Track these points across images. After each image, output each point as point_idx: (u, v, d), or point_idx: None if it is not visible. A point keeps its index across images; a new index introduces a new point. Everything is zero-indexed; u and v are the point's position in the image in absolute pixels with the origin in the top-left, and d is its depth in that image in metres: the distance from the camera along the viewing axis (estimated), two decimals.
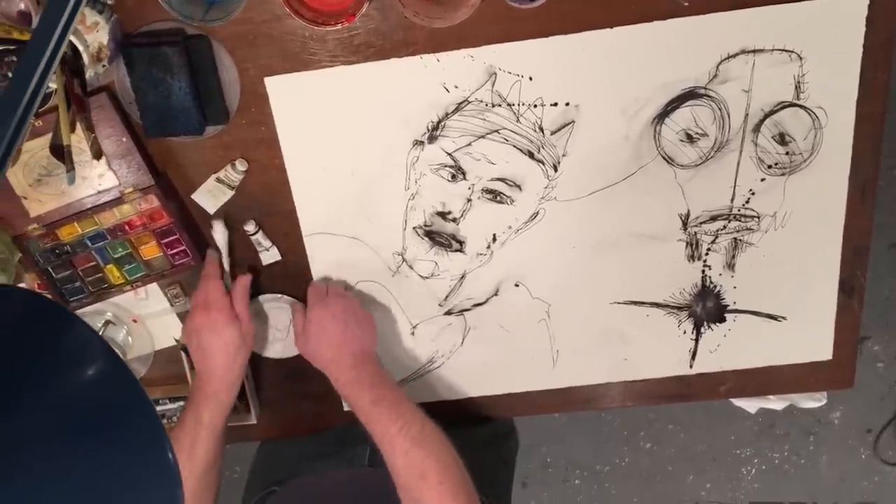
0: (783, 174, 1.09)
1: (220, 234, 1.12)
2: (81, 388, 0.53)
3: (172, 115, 1.02)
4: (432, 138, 1.07)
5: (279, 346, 1.22)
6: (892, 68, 1.04)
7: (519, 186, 1.10)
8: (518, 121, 1.06)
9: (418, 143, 1.07)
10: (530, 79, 1.03)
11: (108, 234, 1.09)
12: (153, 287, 1.17)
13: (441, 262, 1.16)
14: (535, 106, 1.05)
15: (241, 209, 1.12)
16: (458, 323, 1.21)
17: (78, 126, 0.98)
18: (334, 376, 1.08)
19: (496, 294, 1.18)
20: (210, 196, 1.09)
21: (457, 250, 1.15)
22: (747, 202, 1.12)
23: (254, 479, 1.30)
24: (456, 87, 1.04)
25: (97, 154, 0.99)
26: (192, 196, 1.10)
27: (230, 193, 1.09)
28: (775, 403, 1.46)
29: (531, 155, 1.08)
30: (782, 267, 1.16)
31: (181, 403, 1.26)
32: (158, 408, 1.26)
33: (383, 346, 1.22)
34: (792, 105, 1.05)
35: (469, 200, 1.11)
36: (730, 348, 1.23)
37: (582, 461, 2.38)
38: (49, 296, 1.14)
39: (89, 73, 0.98)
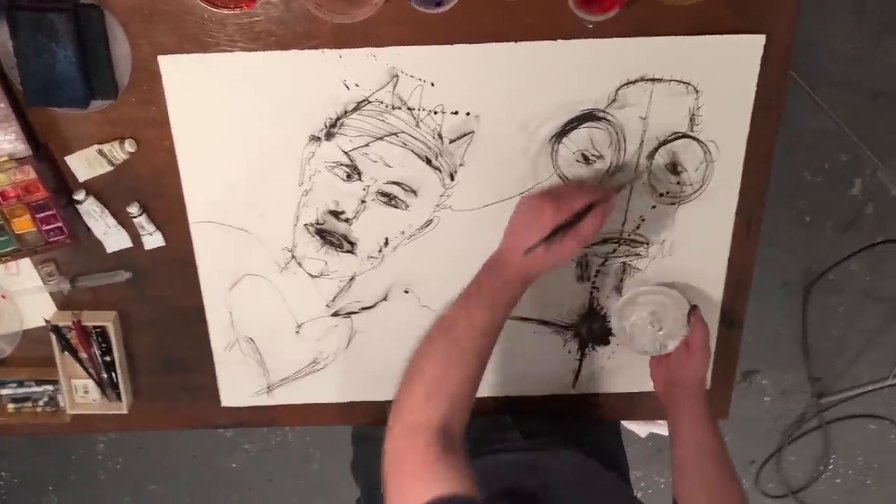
0: (673, 203, 1.11)
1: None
2: None
3: (56, 84, 0.98)
4: (329, 135, 1.05)
5: (649, 342, 1.18)
6: (783, 109, 1.07)
7: (415, 192, 1.09)
8: (418, 126, 1.05)
9: (315, 138, 1.05)
10: (433, 85, 1.03)
11: None
12: (25, 263, 1.12)
13: (331, 262, 1.14)
14: (436, 112, 1.04)
15: (125, 189, 1.08)
16: (345, 325, 1.19)
17: None
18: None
19: (385, 299, 1.17)
20: (86, 164, 1.05)
21: (348, 251, 1.13)
22: (637, 228, 1.13)
23: None
24: (357, 85, 1.02)
25: None
26: (66, 158, 1.05)
27: (108, 168, 1.05)
28: (663, 428, 1.49)
29: (429, 161, 1.07)
30: None
31: (48, 387, 1.20)
32: (23, 390, 1.20)
33: (267, 343, 1.19)
34: (686, 136, 1.07)
35: (363, 202, 1.09)
36: (611, 371, 1.24)
37: None
38: None
39: None
